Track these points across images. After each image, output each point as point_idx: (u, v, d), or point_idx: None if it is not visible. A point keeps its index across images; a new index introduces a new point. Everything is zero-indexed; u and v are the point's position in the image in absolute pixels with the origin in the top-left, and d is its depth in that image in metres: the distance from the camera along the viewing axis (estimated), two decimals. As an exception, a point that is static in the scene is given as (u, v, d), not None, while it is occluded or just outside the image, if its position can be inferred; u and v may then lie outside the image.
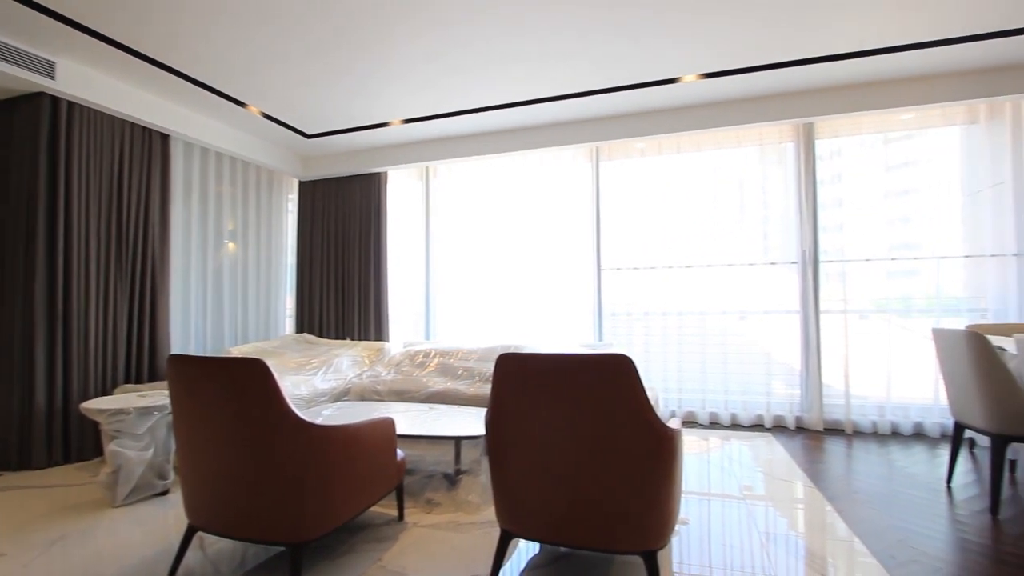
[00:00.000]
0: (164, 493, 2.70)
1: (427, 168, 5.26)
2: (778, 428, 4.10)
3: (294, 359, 4.20)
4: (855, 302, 4.03)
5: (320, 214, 5.43)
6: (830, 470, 3.11)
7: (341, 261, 5.32)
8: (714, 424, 4.26)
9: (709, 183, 4.41)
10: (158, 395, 2.85)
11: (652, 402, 2.81)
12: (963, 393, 2.62)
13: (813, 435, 3.90)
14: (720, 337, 4.32)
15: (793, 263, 4.15)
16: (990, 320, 3.72)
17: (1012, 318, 3.67)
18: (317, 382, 3.79)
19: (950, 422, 2.88)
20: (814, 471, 3.07)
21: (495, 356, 1.84)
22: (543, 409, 1.60)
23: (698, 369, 4.36)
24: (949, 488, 2.77)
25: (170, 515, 2.48)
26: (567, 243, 4.77)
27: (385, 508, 2.45)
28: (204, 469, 1.78)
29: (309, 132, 4.74)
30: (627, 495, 1.55)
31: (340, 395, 3.77)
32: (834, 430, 4.00)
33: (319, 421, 1.77)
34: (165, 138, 4.04)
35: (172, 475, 2.75)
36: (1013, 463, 3.08)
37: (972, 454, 3.37)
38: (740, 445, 3.66)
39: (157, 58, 3.32)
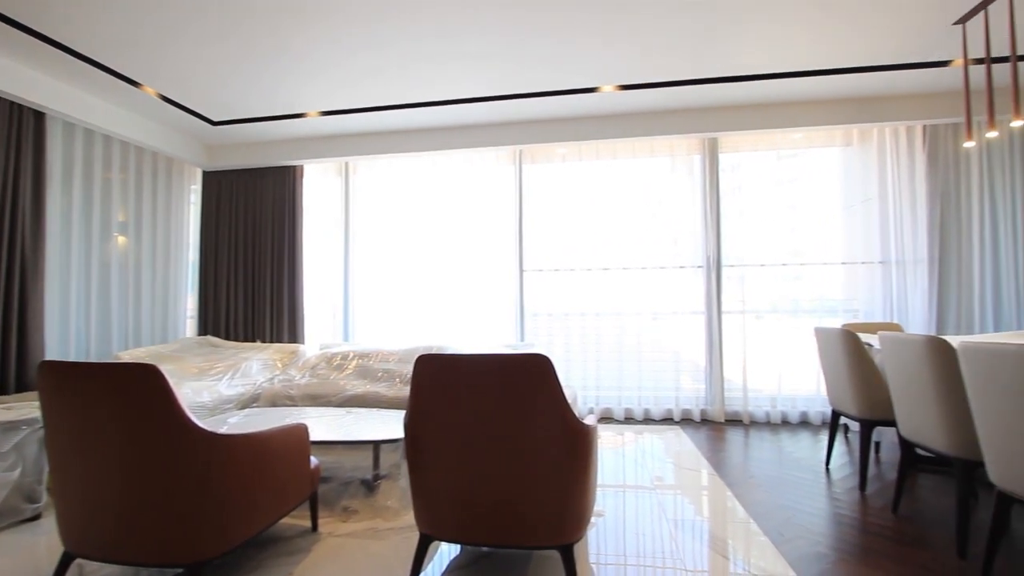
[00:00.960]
0: (35, 518, 2.39)
1: (346, 164, 5.06)
2: (686, 421, 4.39)
3: (195, 364, 3.87)
4: (752, 303, 4.41)
5: (228, 207, 5.06)
6: (730, 458, 3.37)
7: (251, 258, 4.98)
8: (629, 419, 4.47)
9: (625, 190, 4.63)
10: (27, 407, 2.51)
11: (571, 400, 2.90)
12: (838, 384, 2.96)
13: (716, 426, 4.21)
14: (635, 337, 4.55)
15: (699, 267, 4.47)
16: (861, 319, 4.22)
17: (878, 317, 4.19)
18: (222, 388, 3.52)
19: (829, 410, 3.23)
20: (717, 460, 3.32)
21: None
22: (463, 410, 1.60)
23: (615, 367, 4.56)
24: (828, 469, 3.11)
25: (42, 542, 2.19)
26: (490, 244, 4.80)
27: (298, 519, 2.33)
28: (84, 488, 1.59)
29: (215, 119, 4.40)
30: (546, 492, 1.59)
31: (249, 401, 3.53)
32: (734, 421, 4.35)
33: (223, 430, 1.65)
34: (39, 116, 3.57)
35: (44, 498, 2.43)
36: (878, 444, 3.52)
37: (847, 438, 3.80)
38: (652, 438, 3.87)
39: (28, 24, 2.93)
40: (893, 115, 4.06)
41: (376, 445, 2.60)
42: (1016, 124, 2.64)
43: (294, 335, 4.86)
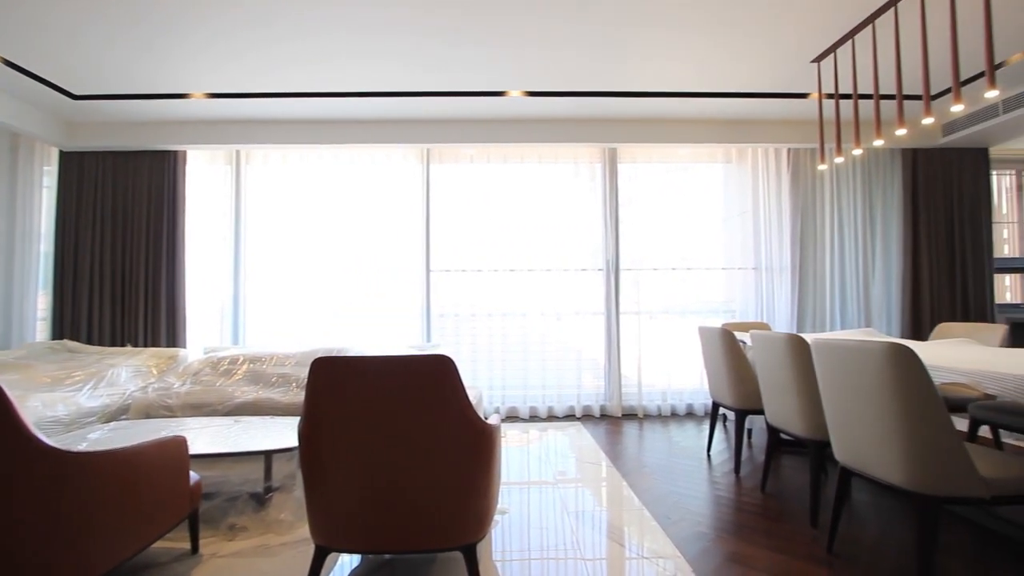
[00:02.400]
0: None
1: (238, 152, 4.68)
2: (587, 417, 4.59)
3: (48, 372, 3.37)
4: (646, 305, 4.73)
5: (92, 193, 4.45)
6: (626, 450, 3.58)
7: (122, 252, 4.43)
8: (533, 417, 4.59)
9: (532, 193, 4.75)
10: None
11: (476, 400, 2.92)
12: (717, 378, 3.26)
13: (614, 421, 4.46)
14: (539, 337, 4.69)
15: (600, 270, 4.71)
16: (737, 319, 4.69)
17: (751, 317, 4.69)
18: (82, 399, 3.09)
19: (711, 402, 3.56)
20: (614, 453, 3.52)
21: (313, 361, 1.72)
22: (362, 414, 1.55)
23: (520, 367, 4.65)
24: (709, 456, 3.41)
25: None
26: (396, 243, 4.69)
27: (175, 542, 2.11)
28: None
29: (77, 92, 3.86)
30: (449, 493, 1.59)
31: (116, 414, 3.14)
32: (630, 415, 4.64)
33: (82, 447, 1.45)
34: None
35: None
36: (750, 431, 3.93)
37: (725, 427, 4.20)
38: (555, 435, 4.01)
39: None
40: (764, 138, 4.58)
41: (268, 455, 2.42)
42: (856, 152, 3.09)
43: (174, 338, 4.40)
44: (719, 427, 4.16)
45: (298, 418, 2.60)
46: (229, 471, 2.62)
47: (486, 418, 1.68)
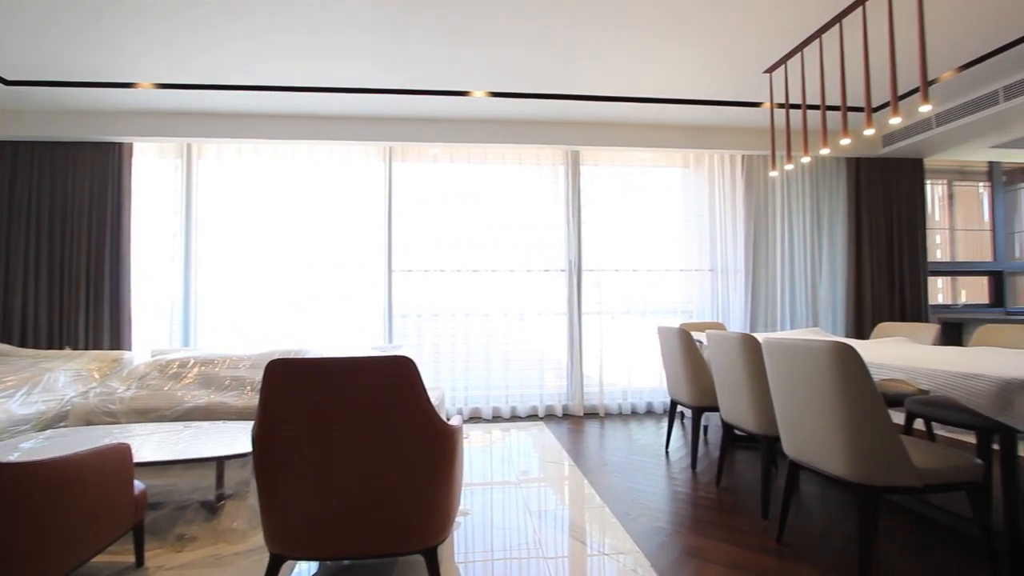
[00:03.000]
0: None
1: (189, 145, 4.48)
2: (549, 416, 4.63)
3: (-26, 378, 3.13)
4: (608, 305, 4.81)
5: (25, 186, 4.17)
6: (588, 449, 3.63)
7: (60, 248, 4.16)
8: (496, 418, 4.59)
9: (495, 194, 4.75)
10: None
11: (438, 401, 2.90)
12: (675, 376, 3.35)
13: (576, 420, 4.51)
14: (502, 337, 4.69)
15: (563, 271, 4.76)
16: (695, 319, 4.84)
17: (707, 317, 4.84)
18: (14, 407, 2.90)
19: (669, 400, 3.65)
20: (576, 451, 3.56)
21: (269, 363, 1.66)
22: (319, 417, 1.51)
23: (483, 367, 4.65)
24: (667, 452, 3.50)
25: None
26: (358, 243, 4.60)
27: (118, 555, 2.00)
28: None
29: (9, 78, 3.61)
30: (410, 496, 1.57)
31: (53, 421, 2.95)
32: (592, 414, 4.70)
33: (12, 457, 1.35)
34: None
35: None
36: (706, 428, 4.06)
37: (683, 425, 4.32)
38: (518, 435, 4.02)
39: None
40: (719, 144, 4.74)
41: (220, 461, 2.33)
42: (805, 160, 3.24)
43: (118, 340, 4.17)
44: (677, 424, 4.27)
45: (252, 422, 2.52)
46: (178, 479, 2.51)
47: (448, 419, 1.67)
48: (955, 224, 5.79)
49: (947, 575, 1.89)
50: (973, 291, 5.83)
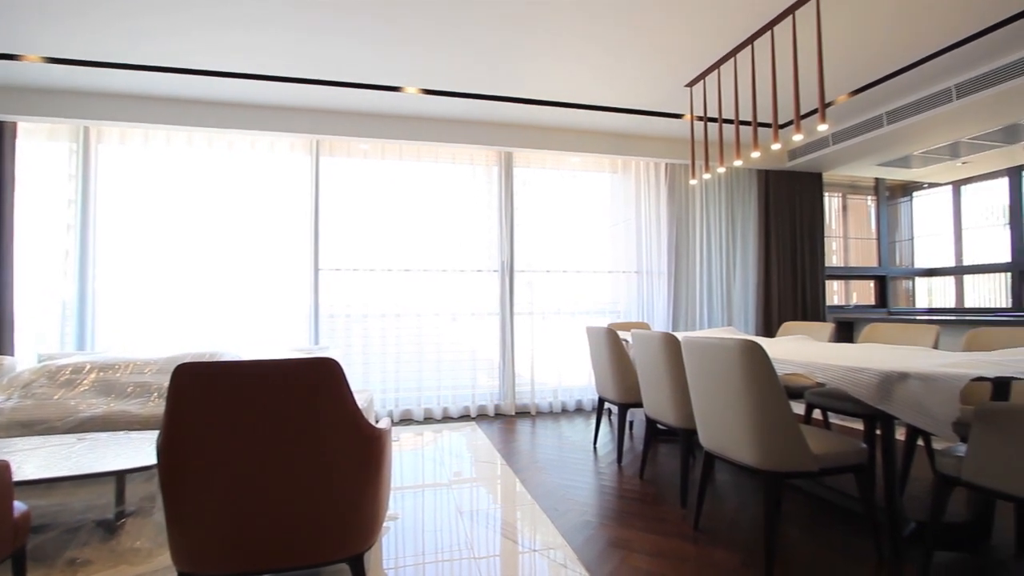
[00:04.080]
0: None
1: (87, 128, 4.06)
2: (481, 416, 4.64)
3: None
4: (539, 306, 4.89)
5: None
6: (519, 448, 3.68)
7: (-81, 241, 3.63)
8: (428, 419, 4.54)
9: (428, 193, 4.69)
10: None
11: (366, 404, 2.82)
12: (603, 374, 3.47)
13: (508, 419, 4.55)
14: (435, 337, 4.65)
15: (495, 271, 4.78)
16: (622, 319, 5.03)
17: (634, 317, 5.06)
18: None
19: (597, 397, 3.77)
20: (508, 450, 3.59)
21: (178, 367, 1.54)
22: (234, 424, 1.42)
23: (415, 368, 4.58)
24: (595, 448, 3.62)
25: None
26: (281, 239, 4.37)
27: (-8, 587, 1.77)
28: None
29: None
30: (334, 503, 1.52)
31: (-91, 438, 2.56)
32: (523, 413, 4.77)
33: None
34: None
35: None
36: (632, 424, 4.24)
37: (610, 421, 4.48)
38: (450, 436, 4.00)
39: None
40: (645, 152, 4.96)
41: (120, 476, 2.13)
42: (720, 170, 3.47)
43: (-4, 345, 3.70)
44: (605, 421, 4.43)
45: (158, 432, 2.33)
46: (69, 497, 2.28)
47: (376, 422, 1.63)
48: (848, 233, 6.43)
49: (839, 549, 2.10)
50: (862, 293, 6.50)
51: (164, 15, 2.87)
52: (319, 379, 1.44)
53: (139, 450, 2.25)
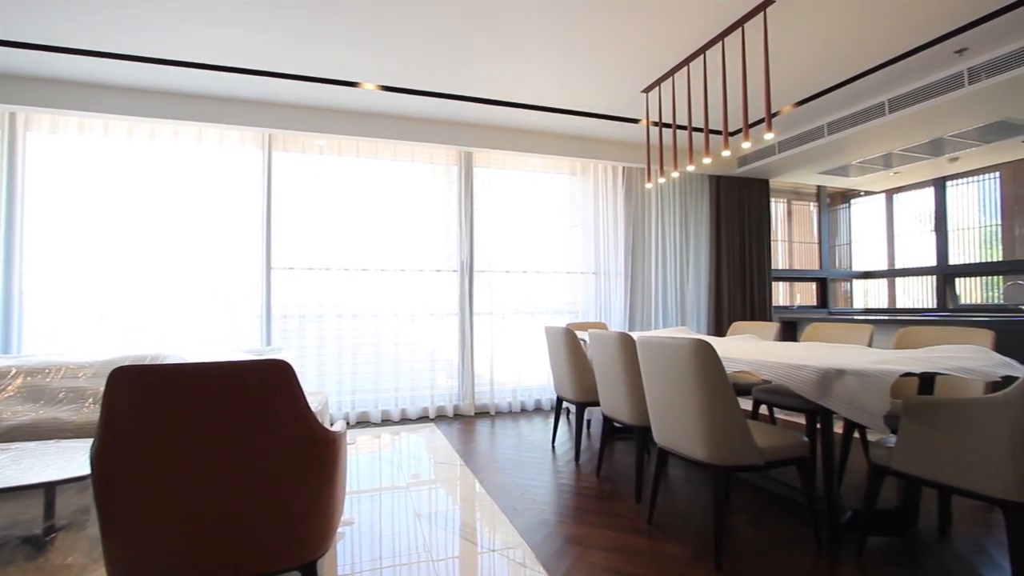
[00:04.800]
0: None
1: (12, 114, 3.76)
2: (440, 417, 4.61)
3: None
4: (499, 306, 4.90)
5: None
6: (478, 448, 3.67)
7: None
8: (386, 421, 4.46)
9: (386, 191, 4.61)
10: None
11: (320, 407, 2.75)
12: (561, 373, 3.51)
13: (467, 420, 4.54)
14: (393, 338, 4.57)
15: (454, 271, 4.76)
16: (580, 319, 5.11)
17: (591, 318, 5.14)
18: None
19: (555, 397, 3.81)
20: (467, 451, 3.58)
21: (116, 371, 1.45)
22: (178, 430, 1.36)
23: (372, 369, 4.49)
24: (553, 447, 3.66)
25: None
26: (231, 237, 4.19)
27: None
28: None
29: None
30: (284, 511, 1.47)
31: None
32: (483, 413, 4.76)
33: None
34: None
35: None
36: (589, 422, 4.31)
37: (568, 420, 4.54)
38: (408, 437, 3.94)
39: None
40: (602, 155, 5.06)
41: (49, 488, 1.99)
42: (675, 174, 3.57)
43: (-97, 349, 3.38)
44: (563, 420, 4.48)
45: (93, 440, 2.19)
46: (-10, 513, 2.11)
47: (331, 425, 1.59)
48: (792, 237, 6.76)
49: (782, 537, 2.20)
50: (805, 294, 6.85)
51: (101, -3, 2.71)
52: (270, 381, 1.39)
53: (71, 460, 2.11)
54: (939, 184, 6.11)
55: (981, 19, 2.97)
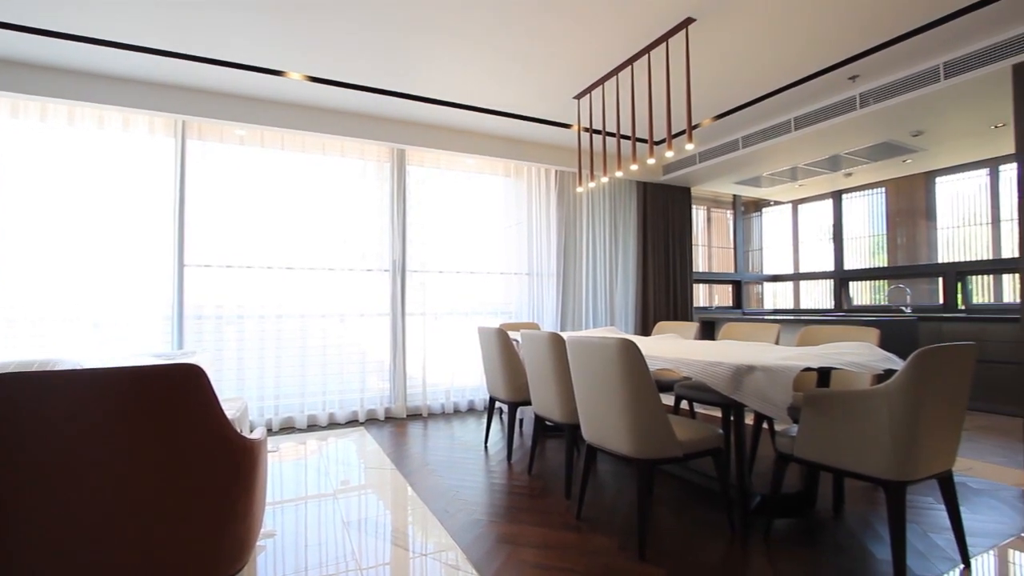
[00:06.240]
0: None
1: None
2: (371, 421, 4.48)
3: None
4: (432, 306, 4.84)
5: None
6: (410, 451, 3.61)
7: None
8: (313, 426, 4.28)
9: (314, 186, 4.42)
10: None
11: (238, 413, 2.59)
12: (493, 374, 3.53)
13: (399, 423, 4.45)
14: (320, 339, 4.39)
15: (386, 271, 4.65)
16: (513, 320, 5.16)
17: (524, 318, 5.21)
18: None
19: (488, 397, 3.83)
20: (398, 455, 3.51)
21: (-6, 380, 1.29)
22: (74, 443, 1.23)
23: (297, 373, 4.29)
24: (486, 448, 3.67)
25: None
26: (137, 230, 3.84)
27: None
28: None
29: None
30: (198, 525, 1.37)
31: None
32: (415, 415, 4.69)
33: None
34: None
35: None
36: (522, 421, 4.36)
37: (501, 420, 4.57)
38: (337, 443, 3.81)
39: None
40: (537, 158, 5.15)
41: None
42: (604, 180, 3.70)
43: None
44: (496, 420, 4.50)
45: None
46: None
47: (251, 431, 1.50)
48: (711, 242, 7.21)
49: (700, 523, 2.34)
50: (722, 296, 7.33)
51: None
52: (179, 388, 1.29)
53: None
54: (836, 197, 6.75)
55: (870, 50, 3.32)
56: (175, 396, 1.28)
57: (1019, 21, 2.99)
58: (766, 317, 5.87)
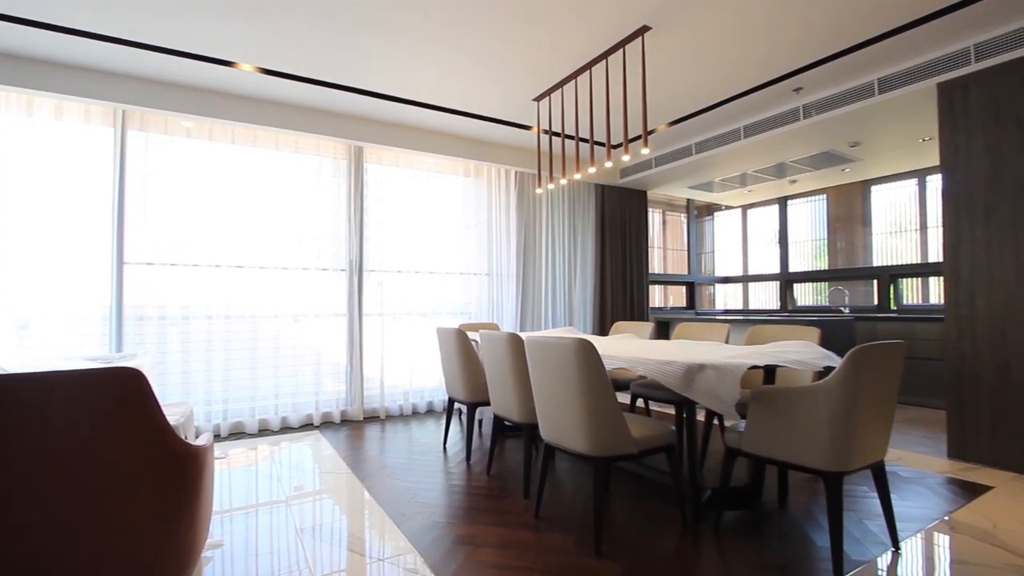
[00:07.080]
0: None
1: None
2: (326, 424, 4.36)
3: None
4: (390, 306, 4.76)
5: None
6: (367, 454, 3.54)
7: None
8: (264, 431, 4.13)
9: (266, 182, 4.27)
10: None
11: (182, 419, 2.47)
12: (452, 374, 3.52)
13: (356, 425, 4.35)
14: (272, 341, 4.24)
15: (343, 270, 4.54)
16: (473, 320, 5.15)
17: (484, 318, 5.20)
18: None
19: (447, 398, 3.80)
20: (355, 458, 3.43)
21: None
22: (1, 454, 1.14)
23: (247, 375, 4.13)
24: (445, 449, 3.64)
25: None
26: (71, 226, 3.60)
27: None
28: None
29: None
30: (138, 537, 1.30)
31: None
32: (372, 418, 4.60)
33: None
34: None
35: None
36: (481, 422, 4.35)
37: (460, 421, 4.55)
38: (290, 448, 3.69)
39: None
40: (496, 158, 5.15)
41: None
42: (563, 181, 3.75)
43: None
44: (455, 421, 4.48)
45: None
46: None
47: (197, 437, 1.43)
48: (666, 244, 7.42)
49: (654, 518, 2.41)
50: (676, 296, 7.56)
51: None
52: (116, 393, 1.22)
53: None
54: (782, 203, 7.08)
55: (812, 64, 3.50)
56: (111, 402, 1.21)
57: (944, 43, 3.23)
58: (717, 317, 6.10)
